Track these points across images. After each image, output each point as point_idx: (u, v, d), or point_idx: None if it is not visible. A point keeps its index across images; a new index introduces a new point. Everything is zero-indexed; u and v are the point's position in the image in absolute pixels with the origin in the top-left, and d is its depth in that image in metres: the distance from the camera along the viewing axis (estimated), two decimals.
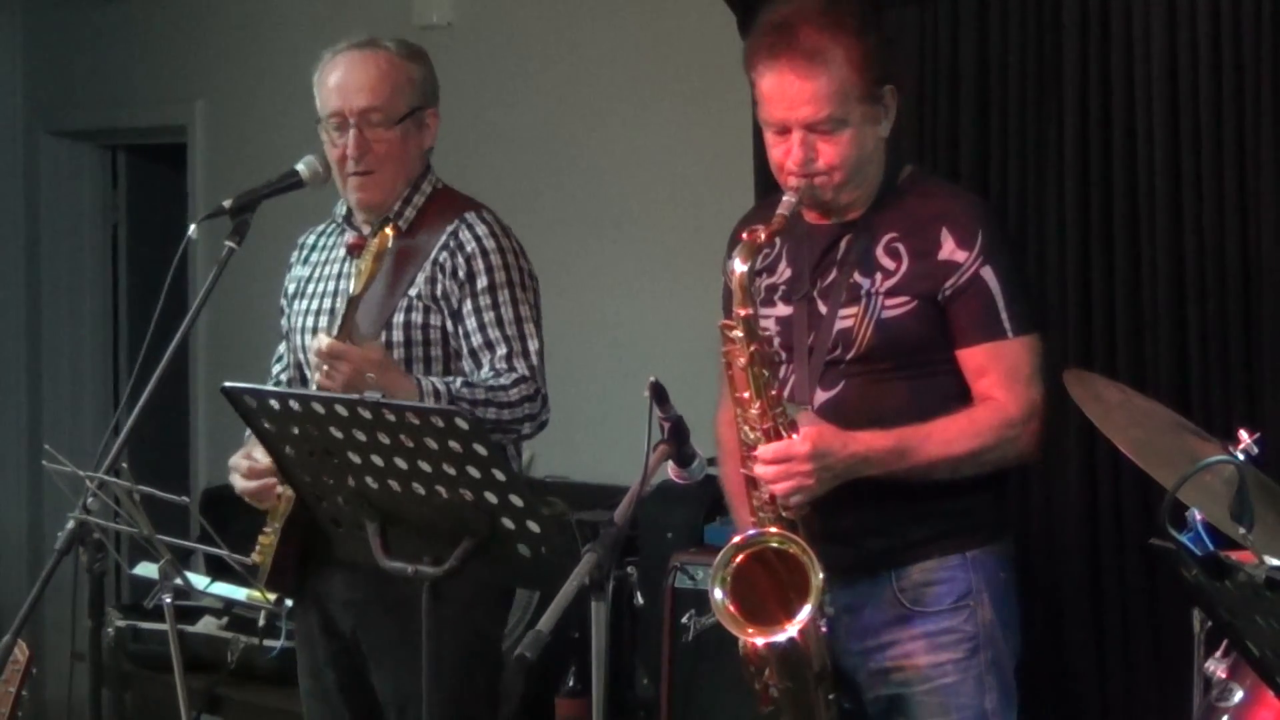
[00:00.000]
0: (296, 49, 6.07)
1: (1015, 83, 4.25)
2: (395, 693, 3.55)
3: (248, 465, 3.56)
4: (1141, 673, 4.05)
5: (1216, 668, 2.96)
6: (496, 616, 3.73)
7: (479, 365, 3.59)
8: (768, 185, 4.65)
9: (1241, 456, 2.93)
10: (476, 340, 3.59)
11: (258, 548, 3.59)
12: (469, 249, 3.61)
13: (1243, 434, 2.99)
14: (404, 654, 3.15)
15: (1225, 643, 2.95)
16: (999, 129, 4.28)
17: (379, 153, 3.63)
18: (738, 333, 3.14)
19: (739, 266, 3.15)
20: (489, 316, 3.59)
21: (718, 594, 3.08)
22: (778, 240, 3.31)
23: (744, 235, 3.19)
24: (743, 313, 3.14)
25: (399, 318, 3.61)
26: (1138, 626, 4.06)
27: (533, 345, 3.60)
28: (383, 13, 5.82)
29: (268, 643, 5.01)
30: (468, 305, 3.59)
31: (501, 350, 3.57)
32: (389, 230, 3.49)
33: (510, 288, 3.61)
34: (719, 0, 4.76)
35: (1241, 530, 2.70)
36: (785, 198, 3.19)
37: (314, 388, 3.45)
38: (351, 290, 3.44)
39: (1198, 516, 2.89)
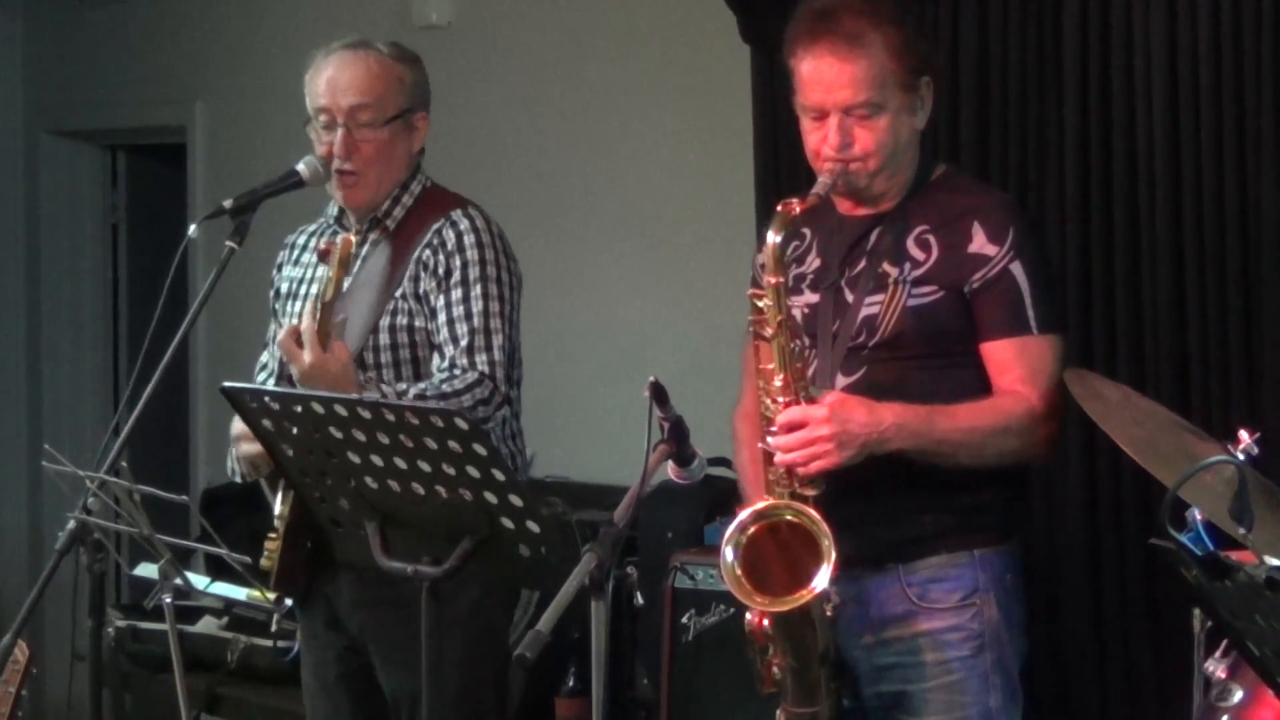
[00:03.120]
0: (296, 49, 6.05)
1: (1015, 81, 4.25)
2: (404, 691, 3.55)
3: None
4: (1141, 673, 4.05)
5: (1216, 668, 2.96)
6: (504, 614, 3.73)
7: (442, 358, 3.57)
8: (768, 185, 4.67)
9: (1241, 456, 2.93)
10: (443, 334, 3.57)
11: (265, 552, 3.58)
12: (449, 245, 3.59)
13: (1243, 434, 3.00)
14: (412, 653, 3.15)
15: (1225, 643, 2.95)
16: (999, 127, 4.28)
17: (366, 153, 3.61)
18: (766, 301, 3.15)
19: (771, 236, 3.15)
20: (458, 310, 3.56)
21: (729, 556, 3.07)
22: (808, 232, 3.33)
23: (778, 207, 3.20)
24: (773, 281, 3.14)
25: (385, 320, 3.60)
26: (1138, 626, 4.06)
27: (497, 340, 3.56)
28: (382, 13, 5.82)
29: (282, 643, 5.01)
30: (440, 300, 3.58)
31: (464, 343, 3.54)
32: (352, 236, 3.49)
33: (483, 281, 3.58)
34: (719, 1, 4.76)
35: (1241, 530, 2.70)
36: (820, 180, 3.21)
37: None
38: (325, 296, 3.42)
39: (1198, 516, 2.89)
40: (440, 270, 3.59)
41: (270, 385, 3.75)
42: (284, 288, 3.82)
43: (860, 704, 3.28)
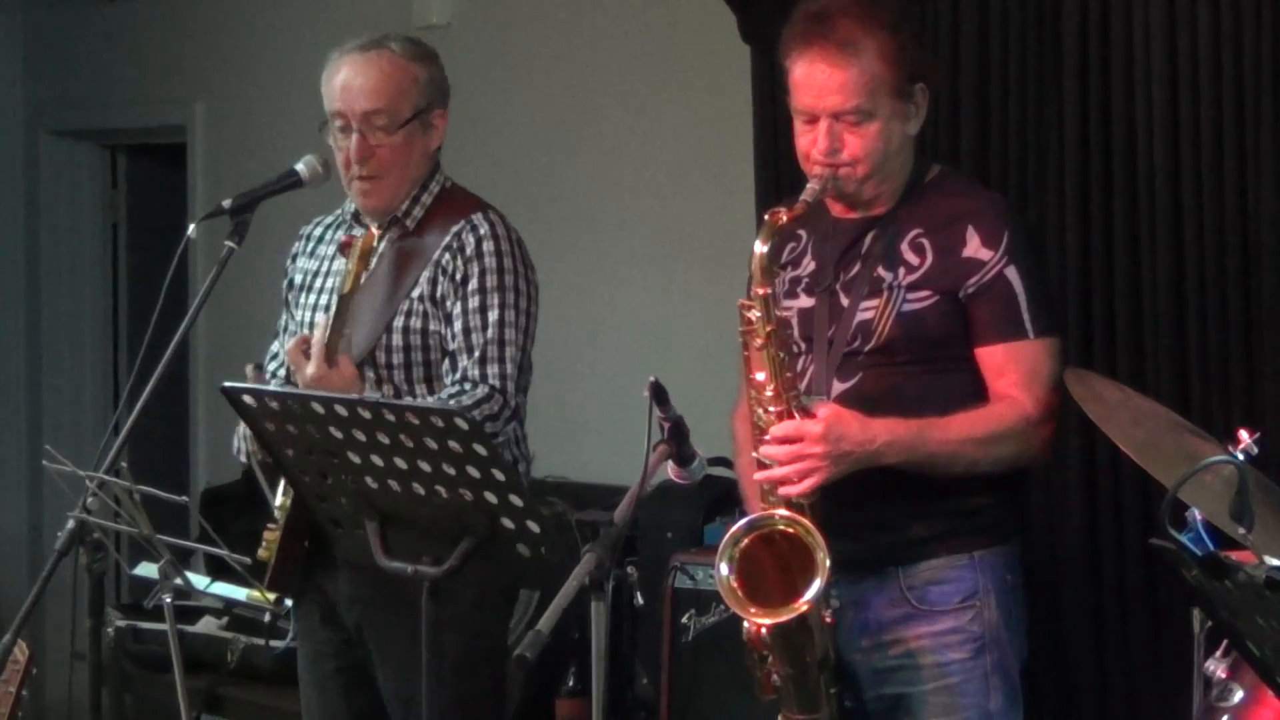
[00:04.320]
0: (296, 49, 6.09)
1: (1015, 82, 4.25)
2: (399, 690, 3.55)
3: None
4: (1141, 673, 4.05)
5: (1216, 668, 2.96)
6: (501, 615, 3.72)
7: (454, 368, 3.56)
8: (769, 185, 4.67)
9: (1241, 456, 2.93)
10: (458, 341, 3.57)
11: (264, 543, 3.57)
12: (469, 251, 3.59)
13: (1243, 434, 2.99)
14: (408, 652, 3.16)
15: (1225, 643, 2.95)
16: (999, 128, 4.28)
17: (383, 158, 3.60)
18: (755, 312, 3.15)
19: (759, 247, 3.15)
20: (475, 320, 3.56)
21: (724, 570, 3.06)
22: (803, 234, 3.33)
23: (766, 216, 3.19)
24: (761, 292, 3.14)
25: (399, 322, 3.59)
26: (1138, 626, 4.06)
27: (509, 352, 3.56)
28: (383, 13, 5.81)
29: (273, 643, 5.01)
30: (457, 307, 3.58)
31: (477, 354, 3.55)
32: (375, 229, 3.49)
33: (500, 291, 3.57)
34: (719, 1, 4.76)
35: (1241, 530, 2.70)
36: (809, 185, 3.20)
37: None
38: (343, 289, 3.44)
39: (1198, 516, 2.89)
40: (458, 276, 3.58)
41: (281, 374, 3.76)
42: (297, 279, 3.81)
43: (861, 707, 3.27)
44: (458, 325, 3.57)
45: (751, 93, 4.76)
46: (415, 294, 3.60)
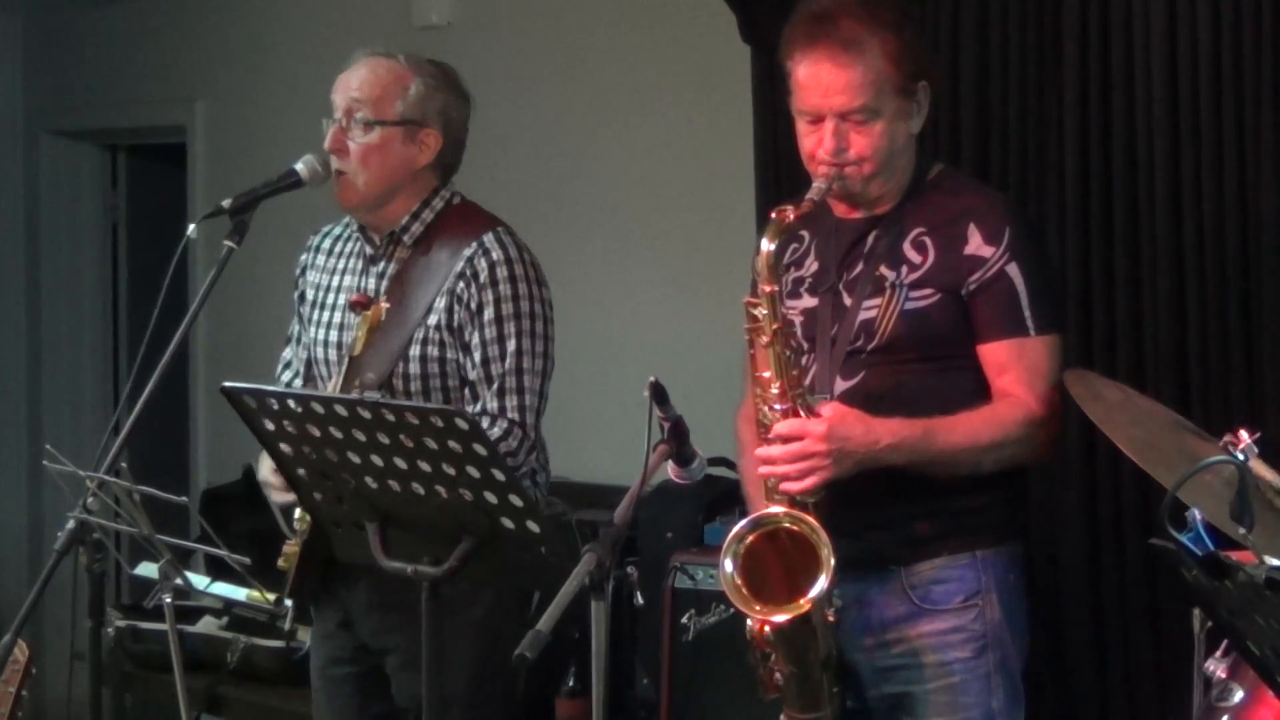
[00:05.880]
0: (296, 49, 6.09)
1: (1015, 83, 4.25)
2: (414, 697, 3.53)
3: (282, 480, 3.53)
4: (1141, 673, 4.05)
5: (1216, 668, 2.96)
6: (516, 623, 3.71)
7: (475, 398, 3.57)
8: (769, 185, 4.68)
9: (1241, 456, 2.92)
10: (477, 373, 3.57)
11: (283, 555, 3.57)
12: (483, 278, 3.57)
13: (1243, 434, 2.99)
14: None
15: (1225, 643, 2.95)
16: (999, 129, 4.28)
17: (353, 153, 3.59)
18: (761, 310, 3.15)
19: (765, 244, 3.15)
20: (493, 350, 3.56)
21: (728, 567, 3.06)
22: (806, 235, 3.33)
23: (772, 214, 3.20)
24: (767, 289, 3.14)
25: (415, 350, 3.59)
26: (1138, 626, 4.06)
27: (529, 382, 3.56)
28: (383, 13, 5.82)
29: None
30: (475, 338, 3.57)
31: (495, 386, 3.55)
32: (384, 304, 3.50)
33: (516, 319, 3.57)
34: (719, 1, 4.76)
35: (1241, 530, 2.70)
36: (815, 184, 3.20)
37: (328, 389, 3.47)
38: (353, 351, 3.46)
39: (1198, 516, 2.89)
40: (473, 304, 3.57)
41: (296, 384, 3.76)
42: (309, 294, 3.80)
43: (863, 705, 3.28)
44: (476, 355, 3.57)
45: (751, 93, 4.76)
46: (431, 322, 3.59)
